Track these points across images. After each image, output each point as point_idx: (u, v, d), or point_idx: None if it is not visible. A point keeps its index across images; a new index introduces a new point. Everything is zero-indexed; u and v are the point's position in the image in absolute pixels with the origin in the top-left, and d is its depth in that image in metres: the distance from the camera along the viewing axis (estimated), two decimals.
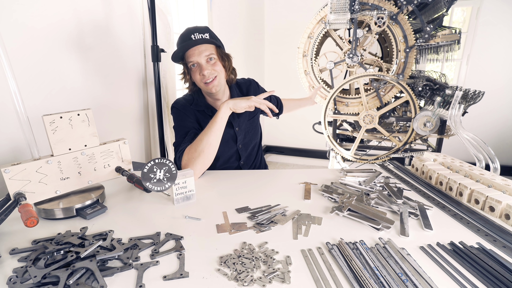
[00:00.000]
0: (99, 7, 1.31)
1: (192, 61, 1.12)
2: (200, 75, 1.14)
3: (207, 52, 1.11)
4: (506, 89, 3.09)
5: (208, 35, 1.11)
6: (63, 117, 0.80)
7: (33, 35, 1.04)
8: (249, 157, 1.37)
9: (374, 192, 0.91)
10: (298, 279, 0.56)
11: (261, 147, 1.45)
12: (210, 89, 1.16)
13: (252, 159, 1.38)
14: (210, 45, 1.13)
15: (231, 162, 1.33)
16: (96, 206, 0.83)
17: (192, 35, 1.09)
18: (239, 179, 1.10)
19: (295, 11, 3.43)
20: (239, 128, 1.28)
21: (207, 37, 1.10)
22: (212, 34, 1.14)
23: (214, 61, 1.14)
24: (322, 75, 1.83)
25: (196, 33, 1.09)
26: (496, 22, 2.95)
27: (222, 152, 1.26)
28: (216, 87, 1.16)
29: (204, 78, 1.13)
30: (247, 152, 1.35)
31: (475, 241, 0.68)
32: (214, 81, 1.14)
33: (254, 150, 1.38)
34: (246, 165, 1.36)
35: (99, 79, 1.35)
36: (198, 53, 1.11)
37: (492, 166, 1.07)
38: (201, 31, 1.10)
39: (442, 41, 1.58)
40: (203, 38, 1.09)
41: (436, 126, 1.58)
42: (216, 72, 1.14)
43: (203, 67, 1.12)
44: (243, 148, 1.32)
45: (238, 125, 1.28)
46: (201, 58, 1.11)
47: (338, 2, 1.59)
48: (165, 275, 0.57)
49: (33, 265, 0.58)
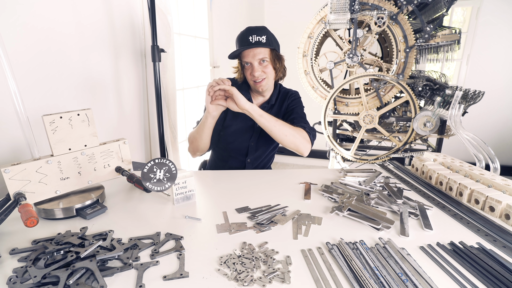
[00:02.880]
0: (99, 7, 1.31)
1: (246, 61, 1.20)
2: (251, 75, 1.22)
3: (261, 55, 1.18)
4: (506, 89, 3.09)
5: (265, 37, 1.17)
6: (63, 117, 0.80)
7: (33, 35, 1.04)
8: (258, 159, 1.36)
9: (374, 192, 0.91)
10: (298, 279, 0.56)
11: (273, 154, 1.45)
12: (258, 88, 1.24)
13: (259, 161, 1.38)
14: (265, 49, 1.18)
15: (237, 155, 1.35)
16: (96, 206, 0.83)
17: (250, 36, 1.16)
18: (240, 179, 1.10)
19: (295, 11, 3.43)
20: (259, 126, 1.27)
21: (264, 40, 1.16)
22: (270, 36, 1.20)
23: (266, 63, 1.20)
24: (322, 75, 1.83)
25: (254, 35, 1.16)
26: (496, 22, 2.95)
27: (235, 141, 1.33)
28: (263, 87, 1.24)
29: (254, 78, 1.21)
30: (257, 153, 1.34)
31: (475, 241, 0.68)
32: (262, 82, 1.22)
33: (265, 154, 1.38)
34: (251, 165, 1.36)
35: (99, 79, 1.35)
36: (252, 55, 1.18)
37: (492, 166, 1.07)
38: (259, 33, 1.17)
39: (442, 41, 1.58)
40: (259, 41, 1.16)
41: (436, 126, 1.58)
42: (266, 74, 1.21)
43: (254, 68, 1.19)
44: (254, 146, 1.33)
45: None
46: (255, 60, 1.18)
47: (338, 2, 1.59)
48: (165, 275, 0.57)
49: (33, 265, 0.58)
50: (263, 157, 1.38)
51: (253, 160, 1.36)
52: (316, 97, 1.84)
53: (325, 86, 1.81)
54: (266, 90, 1.27)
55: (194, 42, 2.29)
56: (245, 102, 1.08)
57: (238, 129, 1.31)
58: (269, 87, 1.28)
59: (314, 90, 1.83)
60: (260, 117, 1.11)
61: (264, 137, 1.32)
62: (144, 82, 1.65)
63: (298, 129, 1.19)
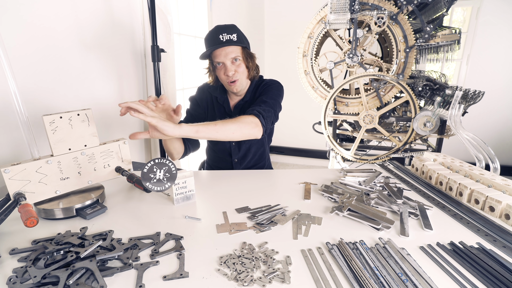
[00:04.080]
0: (99, 7, 1.31)
1: (218, 61, 1.17)
2: (224, 75, 1.19)
3: (233, 54, 1.15)
4: (506, 89, 3.09)
5: (236, 35, 1.14)
6: (63, 117, 0.80)
7: (33, 35, 1.04)
8: (244, 158, 1.36)
9: (374, 192, 0.91)
10: (298, 279, 0.56)
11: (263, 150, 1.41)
12: (232, 88, 1.22)
13: (248, 160, 1.37)
14: (236, 47, 1.16)
15: (224, 156, 1.36)
16: (96, 206, 0.83)
17: (220, 35, 1.12)
18: (240, 179, 1.10)
19: (295, 11, 3.43)
20: None
21: (235, 38, 1.13)
22: (240, 34, 1.17)
23: (239, 62, 1.18)
24: (322, 75, 1.83)
25: (225, 34, 1.12)
26: (496, 22, 2.94)
27: (218, 143, 1.35)
28: (237, 87, 1.21)
29: (228, 78, 1.18)
30: (242, 152, 1.34)
31: (475, 241, 0.68)
32: (237, 82, 1.19)
33: (251, 152, 1.37)
34: (240, 164, 1.36)
35: (99, 79, 1.35)
36: (224, 54, 1.14)
37: (492, 166, 1.07)
38: (229, 31, 1.13)
39: (442, 41, 1.58)
40: (230, 40, 1.13)
41: (436, 126, 1.58)
42: (239, 73, 1.19)
43: (227, 68, 1.16)
44: (236, 146, 1.33)
45: None
46: (227, 59, 1.15)
47: (338, 2, 1.59)
48: (165, 275, 0.57)
49: (33, 265, 0.58)
50: (250, 156, 1.37)
51: (240, 160, 1.36)
52: (316, 97, 1.84)
53: (325, 86, 1.81)
54: (240, 90, 1.24)
55: (194, 42, 2.29)
56: (173, 130, 0.86)
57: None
58: (243, 87, 1.25)
59: (314, 90, 1.83)
60: (196, 133, 0.93)
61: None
62: (144, 82, 1.65)
63: (242, 118, 1.05)
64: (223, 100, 1.29)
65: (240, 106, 1.29)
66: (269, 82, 1.30)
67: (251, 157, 1.37)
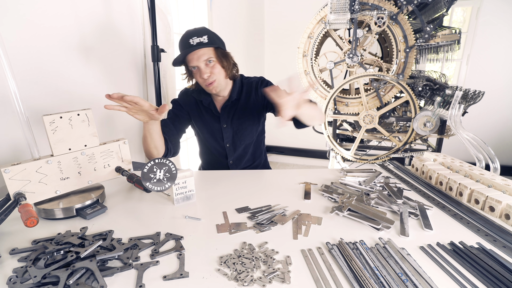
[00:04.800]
0: (99, 7, 1.31)
1: (192, 65, 1.15)
2: (200, 78, 1.17)
3: (205, 56, 1.12)
4: (506, 89, 3.09)
5: (206, 37, 1.11)
6: (63, 117, 0.80)
7: (33, 35, 1.04)
8: (240, 159, 1.35)
9: (374, 192, 0.91)
10: (298, 279, 0.56)
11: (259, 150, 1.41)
12: (211, 90, 1.20)
13: (244, 160, 1.36)
14: (208, 49, 1.13)
15: (219, 158, 1.36)
16: (96, 206, 0.83)
17: (190, 39, 1.10)
18: (240, 179, 1.10)
19: (295, 11, 3.43)
20: (227, 125, 1.29)
21: (205, 40, 1.11)
22: (211, 35, 1.14)
23: (213, 63, 1.15)
24: (322, 75, 1.83)
25: (195, 37, 1.10)
26: (496, 22, 2.94)
27: (211, 146, 1.34)
28: (216, 88, 1.19)
29: (204, 81, 1.17)
30: (237, 153, 1.33)
31: (475, 241, 0.68)
32: (214, 83, 1.17)
33: (247, 152, 1.36)
34: (236, 165, 1.35)
35: (99, 79, 1.35)
36: (197, 58, 1.12)
37: (492, 166, 1.07)
38: (199, 34, 1.11)
39: (442, 41, 1.58)
40: (201, 42, 1.10)
41: (436, 126, 1.58)
42: (215, 74, 1.16)
43: (202, 71, 1.14)
44: (231, 147, 1.32)
45: (225, 122, 1.29)
46: (200, 62, 1.13)
47: (338, 2, 1.59)
48: (165, 275, 0.57)
49: (33, 265, 0.58)
50: (246, 157, 1.36)
51: (235, 161, 1.35)
52: (316, 97, 1.84)
53: (325, 86, 1.81)
54: (220, 90, 1.22)
55: None
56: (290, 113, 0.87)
57: (209, 133, 1.31)
58: (223, 87, 1.22)
59: (314, 90, 1.83)
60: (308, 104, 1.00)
61: (239, 137, 1.30)
62: (144, 82, 1.65)
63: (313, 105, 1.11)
64: (208, 102, 1.27)
65: (228, 107, 1.27)
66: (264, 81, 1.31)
67: (247, 158, 1.37)
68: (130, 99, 0.85)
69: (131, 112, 0.92)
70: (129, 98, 0.85)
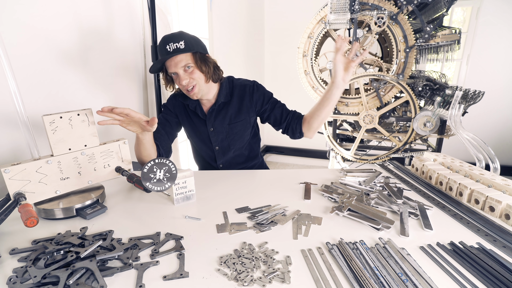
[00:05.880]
0: (99, 7, 1.31)
1: (171, 72, 1.13)
2: (180, 85, 1.15)
3: (183, 62, 1.10)
4: (506, 89, 3.09)
5: (183, 42, 1.08)
6: (63, 117, 0.80)
7: (33, 35, 1.04)
8: (230, 162, 1.34)
9: (374, 192, 0.91)
10: (298, 279, 0.56)
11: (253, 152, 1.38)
12: (192, 96, 1.18)
13: (236, 163, 1.35)
14: (186, 54, 1.10)
15: (209, 161, 1.36)
16: (96, 206, 0.83)
17: (167, 45, 1.08)
18: (239, 179, 1.10)
19: (295, 11, 3.43)
20: (214, 129, 1.27)
21: (182, 46, 1.08)
22: (188, 40, 1.10)
23: (192, 69, 1.12)
24: (322, 75, 1.84)
25: (171, 43, 1.08)
26: (496, 22, 2.94)
27: (201, 149, 1.35)
28: (196, 94, 1.17)
29: (184, 87, 1.15)
30: (228, 156, 1.32)
31: (475, 241, 0.68)
32: (194, 89, 1.15)
33: (239, 156, 1.34)
34: (226, 169, 1.34)
35: (99, 79, 1.35)
36: (174, 65, 1.10)
37: (492, 166, 1.07)
38: (176, 40, 1.08)
39: (442, 41, 1.59)
40: (178, 48, 1.07)
41: (436, 126, 1.58)
42: (195, 80, 1.14)
43: (181, 77, 1.12)
44: (220, 150, 1.30)
45: (212, 126, 1.27)
46: (178, 68, 1.10)
47: (338, 2, 1.59)
48: (165, 275, 0.57)
49: (33, 265, 0.58)
50: (238, 159, 1.35)
51: (225, 165, 1.34)
52: (316, 97, 1.84)
53: (325, 86, 1.81)
54: (203, 95, 1.20)
55: None
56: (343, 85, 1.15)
57: (198, 136, 1.31)
58: (205, 92, 1.19)
59: (314, 90, 1.83)
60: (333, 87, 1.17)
61: (229, 140, 1.29)
62: (143, 82, 1.65)
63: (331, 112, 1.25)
64: (194, 106, 1.26)
65: (216, 111, 1.25)
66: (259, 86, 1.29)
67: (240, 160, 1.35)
68: (120, 111, 0.83)
69: (123, 124, 0.91)
70: (119, 110, 0.83)
